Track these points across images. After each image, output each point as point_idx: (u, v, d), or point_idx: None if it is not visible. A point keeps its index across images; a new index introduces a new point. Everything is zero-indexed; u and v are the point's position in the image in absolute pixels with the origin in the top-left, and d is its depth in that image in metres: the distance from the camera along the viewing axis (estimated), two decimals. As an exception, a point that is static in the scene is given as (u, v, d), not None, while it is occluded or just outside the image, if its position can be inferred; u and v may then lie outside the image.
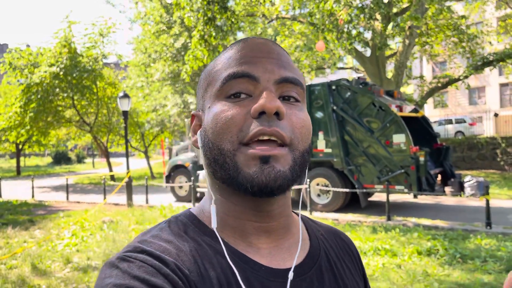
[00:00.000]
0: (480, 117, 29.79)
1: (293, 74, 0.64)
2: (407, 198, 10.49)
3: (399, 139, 8.27)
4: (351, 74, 22.06)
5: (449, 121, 24.82)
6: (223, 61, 0.65)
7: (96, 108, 19.04)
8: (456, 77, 16.62)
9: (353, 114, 8.81)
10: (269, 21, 16.39)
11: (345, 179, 8.98)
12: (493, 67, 15.78)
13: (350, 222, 7.84)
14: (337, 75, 26.84)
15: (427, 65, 33.06)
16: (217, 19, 9.44)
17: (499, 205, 9.42)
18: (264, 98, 0.58)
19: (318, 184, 9.33)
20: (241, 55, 0.63)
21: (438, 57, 20.88)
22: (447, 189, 10.03)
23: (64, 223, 8.63)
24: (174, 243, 0.60)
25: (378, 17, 11.30)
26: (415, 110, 9.70)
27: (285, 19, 16.64)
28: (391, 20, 11.79)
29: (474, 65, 15.82)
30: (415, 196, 8.76)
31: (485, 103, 33.24)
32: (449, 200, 10.32)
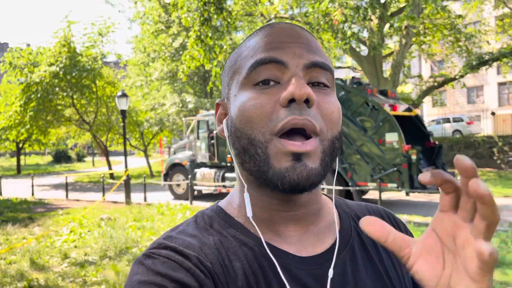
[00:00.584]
0: (479, 116, 29.92)
1: (323, 59, 0.62)
2: (401, 196, 10.65)
3: (391, 137, 8.43)
4: (348, 73, 22.18)
5: (447, 120, 24.96)
6: (249, 47, 0.63)
7: (96, 107, 19.20)
8: (452, 77, 16.78)
9: (347, 113, 8.96)
10: (267, 20, 16.52)
11: (339, 177, 9.14)
12: (488, 67, 15.93)
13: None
14: (336, 74, 27.06)
15: (425, 64, 33.19)
16: (213, 19, 9.59)
17: (491, 202, 9.56)
18: (293, 85, 0.56)
19: (312, 182, 9.49)
20: (268, 41, 0.61)
21: (436, 56, 21.02)
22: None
23: (63, 220, 8.79)
24: (198, 237, 0.61)
25: (372, 18, 11.44)
26: (409, 109, 9.86)
27: (283, 18, 16.77)
28: (385, 21, 11.93)
29: (470, 64, 15.96)
30: (407, 194, 8.92)
31: (483, 102, 33.35)
32: (442, 198, 10.47)
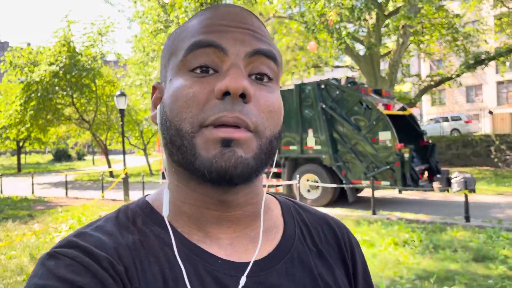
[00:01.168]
0: (477, 115, 30.02)
1: (269, 47, 0.57)
2: (395, 193, 10.79)
3: (384, 136, 8.57)
4: (346, 72, 22.31)
5: (446, 119, 25.06)
6: (188, 29, 0.58)
7: (95, 106, 19.36)
8: (449, 76, 16.90)
9: (341, 112, 9.10)
10: (266, 19, 16.65)
11: (334, 175, 9.29)
12: (485, 66, 16.05)
13: (336, 216, 8.14)
14: (335, 73, 27.13)
15: (425, 63, 33.28)
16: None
17: (484, 200, 9.72)
18: (230, 77, 0.52)
19: (308, 180, 9.64)
20: (208, 23, 0.56)
21: (434, 55, 21.13)
22: (435, 184, 10.37)
23: (62, 217, 8.95)
24: (114, 236, 0.55)
25: (368, 18, 11.59)
26: (403, 108, 10.02)
27: (281, 17, 16.90)
28: (380, 21, 12.06)
29: (467, 63, 16.08)
30: (400, 191, 9.07)
31: (482, 101, 33.45)
32: (435, 196, 10.62)
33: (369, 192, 10.93)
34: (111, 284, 0.50)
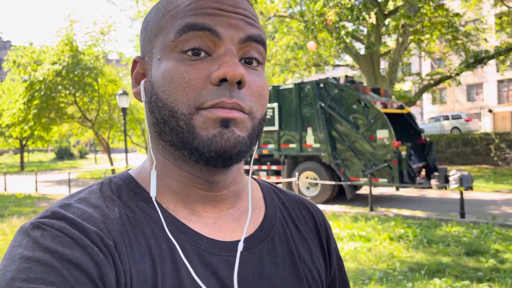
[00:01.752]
0: (478, 113, 30.09)
1: (259, 32, 0.58)
2: (394, 191, 10.95)
3: (382, 134, 8.72)
4: (347, 70, 22.43)
5: (446, 117, 25.13)
6: (179, 6, 0.57)
7: (98, 104, 19.54)
8: (448, 75, 17.00)
9: (340, 111, 9.26)
10: (267, 18, 16.77)
11: (333, 173, 9.44)
12: (484, 65, 16.15)
13: (335, 213, 8.31)
14: (336, 71, 27.24)
15: (426, 62, 33.36)
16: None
17: (480, 197, 9.86)
18: (227, 64, 0.53)
19: (307, 177, 9.80)
20: (202, 4, 0.56)
21: (435, 54, 21.21)
22: (433, 182, 10.52)
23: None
24: (101, 209, 0.54)
25: (366, 18, 11.72)
26: (401, 107, 10.16)
27: (282, 17, 17.01)
28: (379, 21, 12.19)
29: (466, 62, 16.17)
30: (397, 189, 9.22)
31: (483, 100, 33.49)
32: (433, 193, 10.77)
33: (367, 189, 11.09)
34: (101, 259, 0.48)
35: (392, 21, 14.70)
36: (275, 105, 10.00)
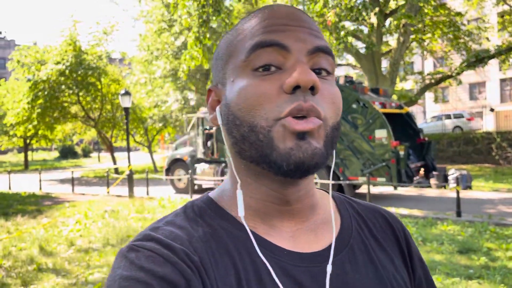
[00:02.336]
0: (481, 112, 30.09)
1: (326, 43, 0.60)
2: (391, 190, 11.05)
3: (381, 134, 8.83)
4: (348, 70, 22.49)
5: (448, 116, 25.13)
6: (247, 29, 0.60)
7: (101, 104, 19.73)
8: (449, 74, 17.04)
9: (339, 110, 9.35)
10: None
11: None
12: (484, 64, 16.17)
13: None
14: (337, 70, 27.29)
15: (428, 61, 33.34)
16: (211, 21, 10.01)
17: (479, 196, 9.95)
18: (298, 71, 0.54)
19: (307, 177, 9.91)
20: (268, 23, 0.58)
21: (437, 53, 21.21)
22: (432, 181, 10.61)
23: (69, 212, 9.30)
24: (186, 229, 0.59)
25: (366, 18, 11.79)
26: (400, 107, 10.26)
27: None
28: (378, 21, 12.26)
29: (467, 61, 16.20)
30: (395, 188, 9.33)
31: (485, 98, 33.44)
32: (432, 192, 10.87)
33: (366, 189, 11.22)
34: (189, 274, 0.52)
35: (393, 20, 14.77)
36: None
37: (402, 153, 8.64)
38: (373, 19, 13.72)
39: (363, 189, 11.12)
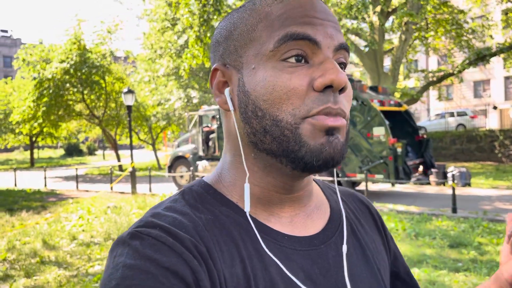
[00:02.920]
0: (485, 110, 30.00)
1: (344, 40, 0.60)
2: (389, 186, 11.14)
3: (379, 131, 8.95)
4: (350, 68, 22.53)
5: (451, 114, 25.10)
6: (273, 15, 0.57)
7: (105, 102, 19.93)
8: (451, 72, 17.05)
9: (338, 108, 9.47)
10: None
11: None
12: (486, 62, 16.18)
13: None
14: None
15: (431, 59, 33.28)
16: (212, 20, 10.15)
17: (477, 193, 10.03)
18: (331, 71, 0.54)
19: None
20: (300, 13, 0.56)
21: (440, 51, 21.18)
22: (432, 178, 10.70)
23: (73, 208, 9.49)
24: (189, 216, 0.57)
25: (365, 17, 11.90)
26: (399, 105, 10.36)
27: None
28: (378, 19, 12.34)
29: (469, 59, 16.21)
30: (393, 185, 9.45)
31: (489, 96, 33.33)
32: (431, 189, 10.95)
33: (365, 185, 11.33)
34: (196, 265, 0.50)
35: (395, 18, 14.83)
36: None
37: (399, 150, 8.75)
38: (374, 18, 13.80)
39: (362, 186, 11.22)
